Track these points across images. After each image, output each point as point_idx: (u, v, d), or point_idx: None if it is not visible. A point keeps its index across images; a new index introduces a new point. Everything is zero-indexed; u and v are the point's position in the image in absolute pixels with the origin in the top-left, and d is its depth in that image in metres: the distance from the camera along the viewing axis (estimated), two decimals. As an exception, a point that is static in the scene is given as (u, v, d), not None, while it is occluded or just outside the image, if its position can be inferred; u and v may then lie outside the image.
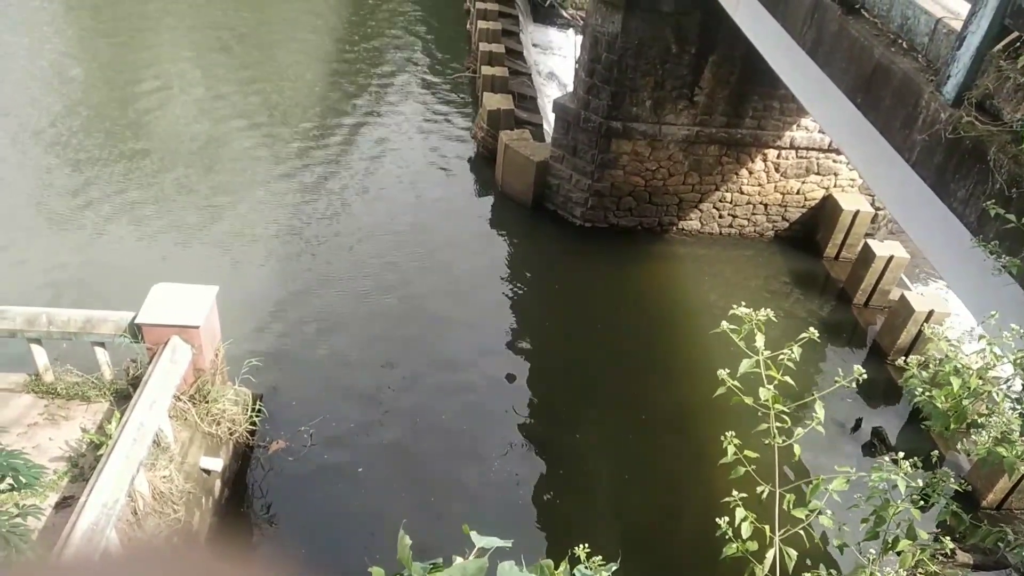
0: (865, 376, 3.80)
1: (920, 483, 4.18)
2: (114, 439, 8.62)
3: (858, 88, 7.70)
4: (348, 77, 23.34)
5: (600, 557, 4.26)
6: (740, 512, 3.58)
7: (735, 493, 3.68)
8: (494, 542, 2.65)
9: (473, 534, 2.64)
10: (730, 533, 3.62)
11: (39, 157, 17.88)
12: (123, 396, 10.07)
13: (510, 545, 2.60)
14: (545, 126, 20.26)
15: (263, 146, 19.34)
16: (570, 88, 18.18)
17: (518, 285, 16.35)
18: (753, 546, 3.57)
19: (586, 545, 4.23)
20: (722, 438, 3.70)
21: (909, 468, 3.95)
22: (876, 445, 13.35)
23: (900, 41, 7.28)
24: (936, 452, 5.01)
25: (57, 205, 16.48)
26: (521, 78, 22.52)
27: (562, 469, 12.41)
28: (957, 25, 6.27)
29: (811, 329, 3.76)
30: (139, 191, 17.15)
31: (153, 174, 17.73)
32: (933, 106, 6.44)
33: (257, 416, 11.44)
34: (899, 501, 4.00)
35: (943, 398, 4.28)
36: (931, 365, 4.64)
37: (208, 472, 10.34)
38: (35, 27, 23.98)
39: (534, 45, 26.79)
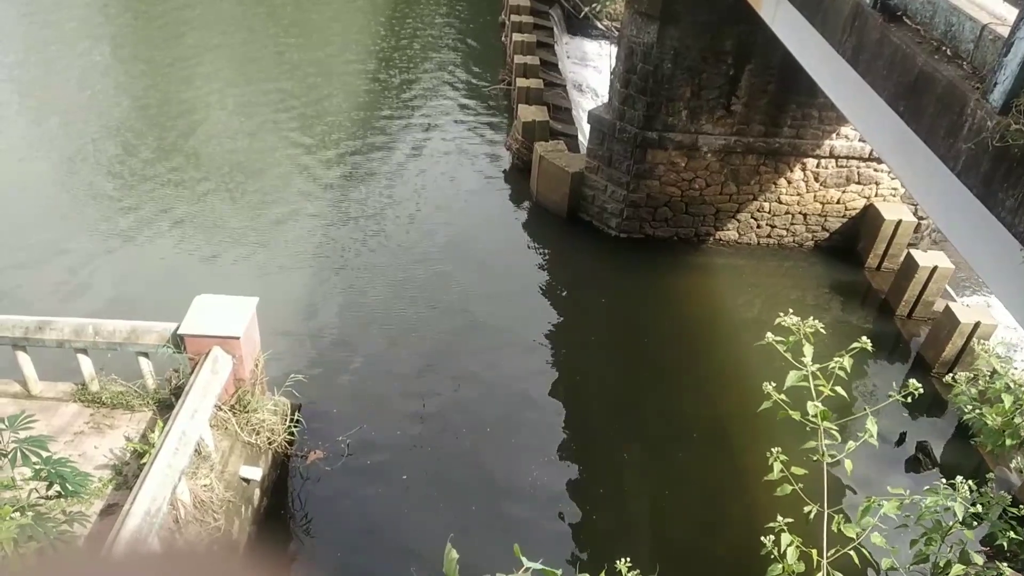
0: (921, 391, 3.68)
1: (979, 508, 4.03)
2: (157, 448, 8.77)
3: (900, 96, 7.56)
4: (385, 92, 23.61)
5: (638, 572, 4.21)
6: (786, 538, 3.49)
7: (779, 518, 3.58)
8: (539, 566, 2.64)
9: (523, 558, 2.64)
10: (775, 553, 3.52)
11: (88, 175, 18.37)
12: (166, 405, 10.26)
13: (559, 574, 2.59)
14: (580, 137, 20.25)
15: (304, 161, 19.64)
16: (605, 99, 18.16)
17: (554, 296, 16.32)
18: (800, 567, 3.47)
19: (628, 559, 4.18)
20: (768, 454, 3.60)
21: (967, 492, 3.80)
22: (921, 460, 13.03)
23: (944, 48, 7.14)
24: (991, 475, 4.82)
25: (104, 221, 16.90)
26: (556, 90, 22.56)
27: (600, 482, 12.32)
28: (1004, 31, 6.12)
29: (863, 339, 3.66)
30: (183, 207, 17.51)
31: (196, 191, 18.10)
32: (979, 114, 6.30)
33: (295, 426, 11.56)
34: (951, 523, 3.86)
35: (994, 415, 4.15)
36: (980, 380, 4.51)
37: (247, 481, 10.46)
38: (82, 55, 24.71)
39: (569, 57, 26.84)
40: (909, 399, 3.76)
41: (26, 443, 6.23)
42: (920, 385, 3.81)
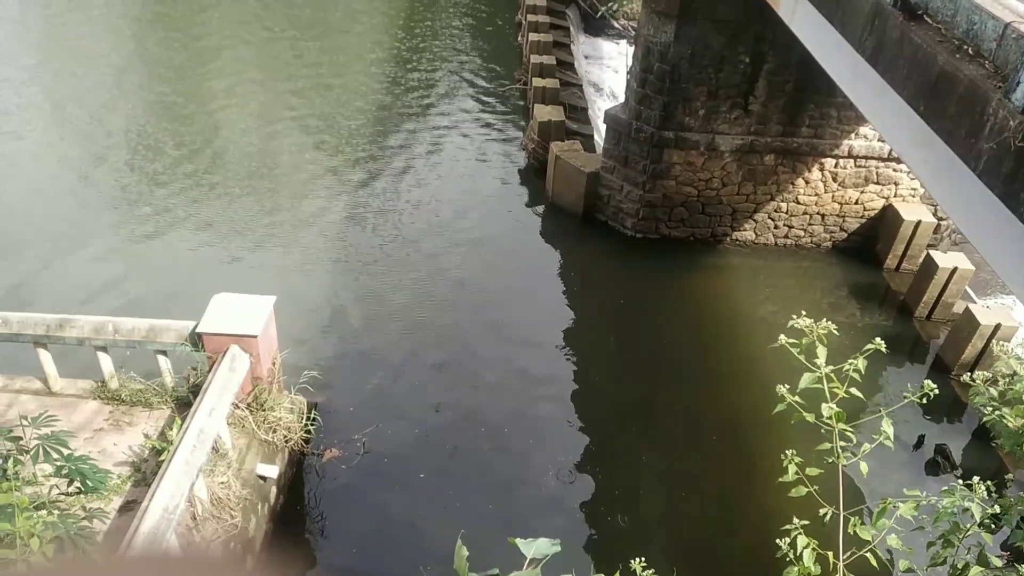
0: (936, 392, 3.66)
1: (996, 508, 3.99)
2: (175, 445, 8.85)
3: (921, 96, 7.49)
4: (403, 92, 23.68)
5: (653, 571, 4.20)
6: (802, 540, 3.47)
7: (796, 520, 3.56)
8: (542, 546, 2.61)
9: (519, 542, 2.61)
10: (791, 556, 3.51)
11: (109, 175, 18.56)
12: (184, 403, 10.35)
13: (559, 547, 2.56)
14: (596, 137, 20.22)
15: (323, 162, 19.75)
16: (621, 99, 18.12)
17: (569, 296, 16.31)
18: (816, 570, 3.46)
19: (643, 559, 4.17)
20: (782, 456, 3.59)
21: (984, 494, 3.77)
22: (940, 463, 12.90)
23: (965, 47, 7.06)
24: (1010, 476, 4.76)
25: (124, 220, 17.08)
26: (572, 89, 22.53)
27: (616, 482, 12.30)
28: (1027, 30, 6.05)
29: (877, 340, 3.64)
30: (202, 206, 17.66)
31: (216, 191, 18.24)
32: (1001, 113, 6.23)
33: (312, 424, 11.62)
34: (969, 525, 3.82)
35: (1014, 417, 4.10)
36: (1000, 381, 4.46)
37: (264, 479, 10.54)
38: (102, 56, 24.97)
39: (585, 56, 26.81)
40: (924, 400, 3.73)
41: (48, 440, 6.30)
42: (935, 386, 3.78)
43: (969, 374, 4.83)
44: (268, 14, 28.10)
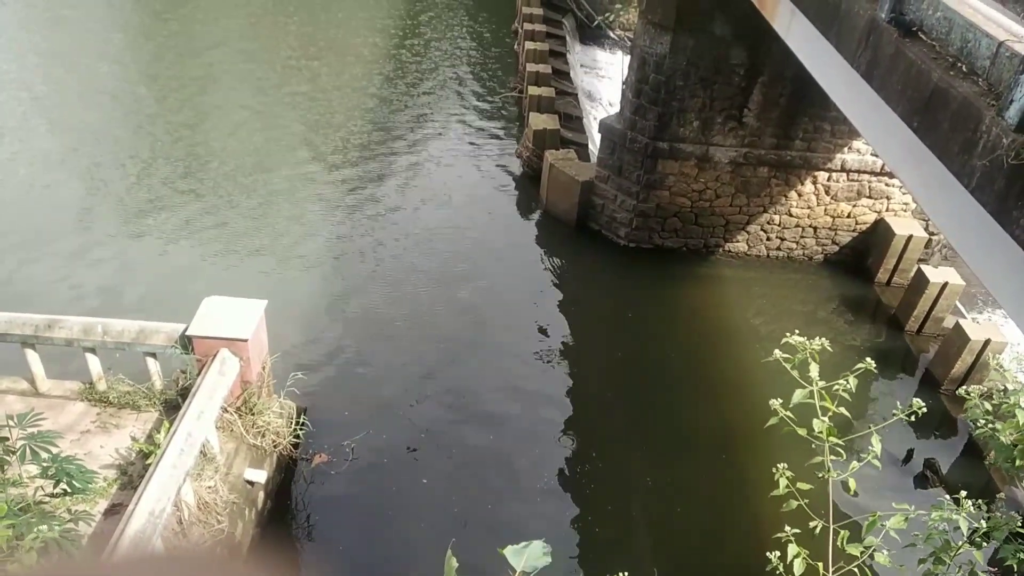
0: (925, 409, 3.66)
1: (983, 524, 4.00)
2: (162, 448, 8.78)
3: (914, 111, 7.53)
4: (399, 98, 23.68)
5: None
6: (792, 548, 3.47)
7: (787, 528, 3.56)
8: (534, 553, 2.58)
9: (508, 552, 2.58)
10: (781, 568, 3.50)
11: (102, 182, 18.44)
12: (172, 406, 10.27)
13: (550, 558, 2.54)
14: (591, 146, 20.26)
15: (316, 168, 19.69)
16: (616, 108, 18.17)
17: (561, 305, 16.29)
18: (805, 582, 3.46)
19: (626, 574, 4.15)
20: (774, 470, 3.59)
21: (972, 509, 3.78)
22: (929, 477, 12.93)
23: (959, 64, 7.11)
24: (1001, 495, 4.77)
25: (116, 223, 16.99)
26: (567, 98, 22.58)
27: (607, 493, 12.27)
28: (1021, 48, 6.09)
29: (868, 360, 3.65)
30: (194, 212, 17.55)
31: (209, 197, 18.14)
32: (995, 131, 6.26)
33: (301, 429, 11.55)
34: (960, 543, 3.82)
35: (1007, 431, 4.11)
36: (995, 396, 4.47)
37: (252, 483, 10.46)
38: (90, 68, 24.89)
39: (581, 66, 26.88)
40: (912, 418, 3.73)
41: (35, 439, 6.24)
42: (923, 404, 3.79)
43: (964, 388, 4.84)
44: (264, 25, 28.06)
